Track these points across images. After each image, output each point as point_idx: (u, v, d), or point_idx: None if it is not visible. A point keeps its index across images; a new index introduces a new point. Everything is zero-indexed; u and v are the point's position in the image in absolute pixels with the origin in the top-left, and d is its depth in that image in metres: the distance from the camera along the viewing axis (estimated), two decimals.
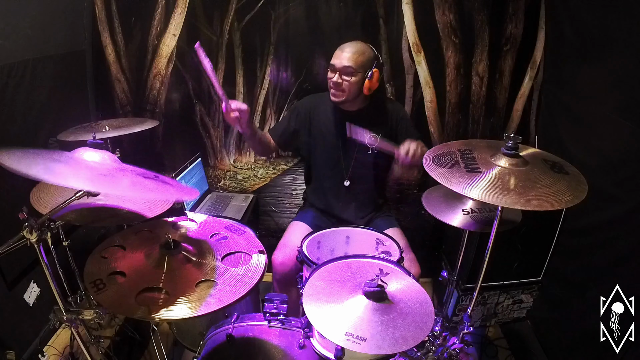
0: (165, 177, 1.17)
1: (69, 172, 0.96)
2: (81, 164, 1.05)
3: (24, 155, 0.97)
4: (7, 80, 1.73)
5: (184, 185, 1.62)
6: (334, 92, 1.78)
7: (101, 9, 2.27)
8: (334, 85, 1.76)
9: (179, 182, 1.97)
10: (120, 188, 0.97)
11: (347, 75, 1.73)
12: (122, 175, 1.03)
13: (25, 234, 1.06)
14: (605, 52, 1.70)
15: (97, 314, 1.20)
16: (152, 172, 1.14)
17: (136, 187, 0.99)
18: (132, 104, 2.47)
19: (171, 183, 1.16)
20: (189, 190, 1.24)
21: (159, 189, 1.07)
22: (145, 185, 1.03)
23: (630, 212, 1.54)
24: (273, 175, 2.58)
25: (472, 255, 1.97)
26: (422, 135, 1.91)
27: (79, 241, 1.90)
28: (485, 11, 2.16)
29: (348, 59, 1.72)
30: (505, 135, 1.24)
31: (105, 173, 1.01)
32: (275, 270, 1.81)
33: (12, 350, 1.72)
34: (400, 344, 1.02)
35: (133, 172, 1.08)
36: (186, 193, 1.29)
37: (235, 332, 1.30)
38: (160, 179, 1.11)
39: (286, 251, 1.79)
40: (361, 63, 1.73)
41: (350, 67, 1.71)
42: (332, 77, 1.76)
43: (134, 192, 0.98)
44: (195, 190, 1.26)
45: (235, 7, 2.24)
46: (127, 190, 0.98)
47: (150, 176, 1.09)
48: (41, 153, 1.03)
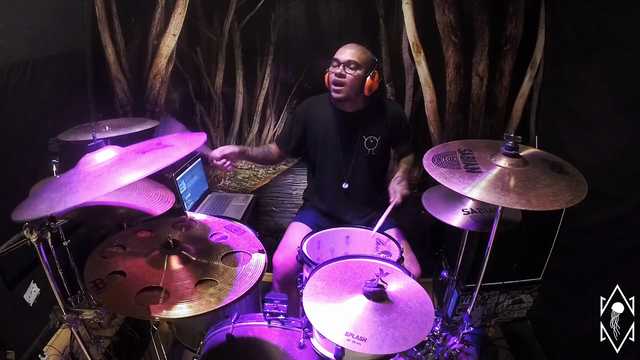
0: (165, 138, 1.17)
1: (82, 190, 0.94)
2: (90, 173, 1.03)
3: (32, 201, 0.97)
4: (7, 80, 1.73)
5: (186, 132, 1.56)
6: (336, 88, 1.77)
7: (101, 9, 2.27)
8: (337, 76, 1.75)
9: (176, 125, 1.87)
10: (135, 174, 0.95)
11: (351, 69, 1.74)
12: (130, 163, 1.02)
13: (25, 234, 1.06)
14: (605, 52, 1.70)
15: (97, 314, 1.20)
16: (151, 141, 1.13)
17: (152, 164, 0.98)
18: (132, 104, 2.47)
19: (174, 142, 1.14)
20: (195, 137, 1.20)
21: (170, 152, 1.05)
22: (156, 157, 1.01)
23: (630, 212, 1.54)
24: (273, 175, 2.58)
25: (472, 255, 1.97)
26: (417, 139, 1.93)
27: (79, 241, 1.90)
28: (485, 11, 2.16)
29: (352, 54, 1.75)
30: (505, 135, 1.24)
31: (113, 170, 1.00)
32: (277, 271, 1.81)
33: (12, 350, 1.72)
34: (400, 344, 1.02)
35: (136, 152, 1.07)
36: (194, 140, 1.21)
37: (235, 332, 1.30)
38: (162, 143, 1.11)
39: (287, 252, 1.79)
40: (364, 60, 1.76)
41: (354, 61, 1.74)
42: (334, 70, 1.76)
43: (153, 167, 0.96)
44: (202, 133, 1.23)
45: (235, 7, 2.24)
46: (145, 170, 0.95)
47: (153, 146, 1.09)
48: (47, 188, 1.01)
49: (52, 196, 0.95)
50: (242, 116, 2.46)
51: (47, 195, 0.96)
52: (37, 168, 1.86)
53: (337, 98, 1.80)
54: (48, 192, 0.98)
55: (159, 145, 1.10)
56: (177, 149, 1.06)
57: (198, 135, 1.21)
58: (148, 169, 0.94)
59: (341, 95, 1.78)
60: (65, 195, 0.92)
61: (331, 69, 1.79)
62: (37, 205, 0.94)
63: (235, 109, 2.45)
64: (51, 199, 0.93)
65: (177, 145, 1.10)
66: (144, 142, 1.16)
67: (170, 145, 1.09)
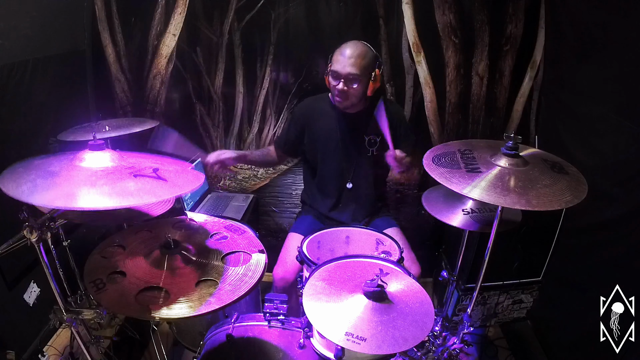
0: (163, 164, 1.15)
1: (61, 193, 0.94)
2: (78, 175, 1.02)
3: (19, 177, 0.98)
4: (7, 80, 1.73)
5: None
6: (339, 99, 1.75)
7: (101, 9, 2.27)
8: (340, 93, 1.72)
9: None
10: (112, 201, 0.93)
11: (352, 83, 1.69)
12: (117, 183, 1.01)
13: (25, 233, 1.06)
14: (605, 52, 1.70)
15: (97, 314, 1.21)
16: (150, 164, 1.12)
17: (136, 196, 0.97)
18: (132, 104, 2.47)
19: (170, 176, 1.11)
20: (194, 176, 1.17)
21: (160, 188, 1.05)
22: (144, 189, 1.00)
23: (630, 212, 1.54)
24: (273, 175, 2.58)
25: (472, 255, 1.97)
26: (418, 139, 1.91)
27: (79, 241, 1.89)
28: (485, 11, 2.16)
29: (352, 65, 1.66)
30: (505, 135, 1.24)
31: (99, 184, 0.99)
32: (276, 286, 1.80)
33: (12, 350, 1.72)
34: (400, 344, 1.02)
35: (130, 172, 1.06)
36: (191, 180, 1.17)
37: (235, 332, 1.30)
38: (159, 172, 1.09)
39: (286, 267, 1.78)
40: (365, 68, 1.68)
41: (355, 74, 1.67)
42: (336, 85, 1.71)
43: (133, 201, 0.96)
44: (201, 175, 1.18)
45: (235, 7, 2.24)
46: (125, 201, 0.94)
47: (149, 171, 1.08)
48: (41, 166, 1.03)
49: (37, 181, 0.96)
50: (242, 116, 2.46)
51: (34, 177, 0.98)
52: None
53: (341, 107, 1.80)
54: (36, 174, 0.99)
55: (155, 172, 1.08)
56: (169, 188, 1.04)
57: (196, 175, 1.17)
58: (128, 200, 0.94)
59: (346, 104, 1.77)
60: (45, 190, 0.94)
61: (332, 80, 1.73)
62: (21, 184, 0.95)
63: (235, 109, 2.45)
64: (35, 184, 0.95)
65: (172, 182, 1.07)
66: (143, 159, 1.15)
67: (164, 179, 1.07)
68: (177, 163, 1.24)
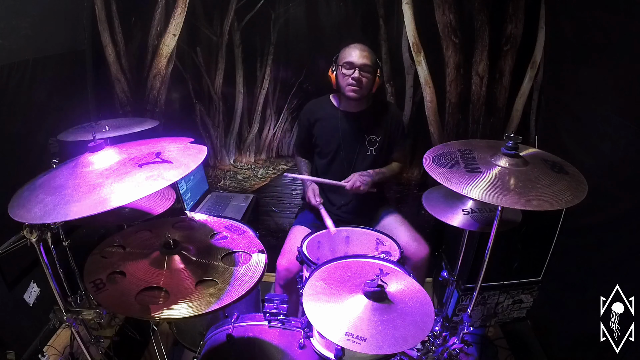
0: (164, 147, 1.14)
1: (73, 203, 0.93)
2: (85, 181, 1.01)
3: (27, 202, 0.97)
4: (7, 80, 1.73)
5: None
6: (354, 89, 1.82)
7: (101, 9, 2.27)
8: (356, 80, 1.80)
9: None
10: (127, 197, 0.93)
11: (366, 72, 1.81)
12: (125, 178, 1.00)
13: (25, 234, 1.06)
14: (605, 52, 1.70)
15: (97, 314, 1.20)
16: (150, 150, 1.11)
17: (148, 186, 0.96)
18: (132, 104, 2.47)
19: (174, 156, 1.10)
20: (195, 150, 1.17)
21: (167, 170, 1.03)
22: (152, 176, 0.99)
23: (630, 212, 1.54)
24: (273, 175, 2.58)
25: (472, 255, 1.97)
26: (410, 142, 1.93)
27: (79, 241, 1.89)
28: (485, 11, 2.16)
29: (365, 57, 1.80)
30: (505, 135, 1.24)
31: (107, 184, 0.98)
32: (280, 276, 1.82)
33: (12, 350, 1.72)
34: (400, 344, 1.02)
35: (134, 163, 1.05)
36: (194, 157, 1.14)
37: (235, 332, 1.30)
38: (162, 154, 1.09)
39: (290, 257, 1.79)
40: (374, 62, 1.85)
41: (368, 65, 1.81)
42: (351, 74, 1.80)
43: (147, 191, 0.95)
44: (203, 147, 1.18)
45: (235, 7, 2.24)
46: (139, 193, 0.93)
47: (151, 157, 1.07)
48: (43, 184, 1.01)
49: (46, 200, 0.95)
50: (242, 116, 2.46)
51: (42, 196, 0.97)
52: (37, 168, 1.85)
53: (354, 98, 1.85)
54: (44, 193, 0.98)
55: (158, 156, 1.08)
56: (177, 168, 1.04)
57: (198, 149, 1.16)
58: (142, 191, 0.94)
59: (358, 96, 1.84)
60: (57, 205, 0.93)
61: (345, 71, 1.82)
62: (31, 208, 0.94)
63: (235, 109, 2.45)
64: (45, 204, 0.94)
65: (177, 163, 1.07)
66: (143, 146, 1.15)
67: (169, 162, 1.07)
68: (174, 140, 1.22)
